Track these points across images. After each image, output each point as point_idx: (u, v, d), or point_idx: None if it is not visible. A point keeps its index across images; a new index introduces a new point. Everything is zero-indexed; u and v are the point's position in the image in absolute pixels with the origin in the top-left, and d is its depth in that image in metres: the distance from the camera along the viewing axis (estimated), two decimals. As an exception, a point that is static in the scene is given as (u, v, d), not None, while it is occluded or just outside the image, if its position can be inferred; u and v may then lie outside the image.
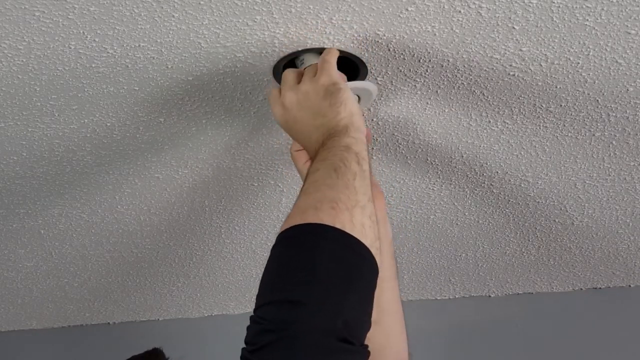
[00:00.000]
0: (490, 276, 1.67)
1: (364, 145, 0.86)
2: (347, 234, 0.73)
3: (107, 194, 1.31)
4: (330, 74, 0.90)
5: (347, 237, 0.73)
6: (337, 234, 0.73)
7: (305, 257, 0.72)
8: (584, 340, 1.73)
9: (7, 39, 0.89)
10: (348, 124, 0.87)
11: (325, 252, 0.72)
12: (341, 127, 0.87)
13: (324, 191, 0.77)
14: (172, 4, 0.84)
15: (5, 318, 1.82)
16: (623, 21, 0.88)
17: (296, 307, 0.69)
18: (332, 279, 0.71)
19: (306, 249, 0.73)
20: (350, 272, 0.72)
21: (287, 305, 0.69)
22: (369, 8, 0.86)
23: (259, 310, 0.71)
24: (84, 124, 1.10)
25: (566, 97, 1.05)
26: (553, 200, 1.35)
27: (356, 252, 0.74)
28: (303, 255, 0.73)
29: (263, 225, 1.44)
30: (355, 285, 0.72)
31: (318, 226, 0.73)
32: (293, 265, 0.73)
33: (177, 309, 1.83)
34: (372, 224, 0.77)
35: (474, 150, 1.20)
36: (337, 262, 0.72)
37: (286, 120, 0.92)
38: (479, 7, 0.85)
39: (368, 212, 0.77)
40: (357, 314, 0.72)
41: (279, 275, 0.73)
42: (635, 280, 1.70)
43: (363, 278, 0.74)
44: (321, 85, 0.89)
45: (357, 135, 0.86)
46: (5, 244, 1.47)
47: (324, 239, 0.73)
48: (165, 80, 1.00)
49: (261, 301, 0.72)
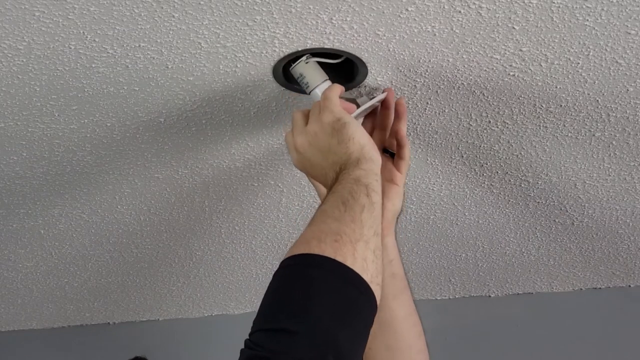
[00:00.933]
0: (490, 276, 1.67)
1: (376, 176, 0.86)
2: (347, 267, 0.74)
3: (107, 194, 1.31)
4: (333, 111, 0.90)
5: (347, 270, 0.74)
6: (337, 266, 0.74)
7: (302, 287, 0.73)
8: (584, 340, 1.73)
9: (7, 39, 0.89)
10: (359, 157, 0.87)
11: (322, 283, 0.73)
12: (353, 160, 0.87)
13: (329, 223, 0.78)
14: (172, 4, 0.84)
15: (5, 318, 1.82)
16: (623, 21, 0.88)
17: (287, 337, 0.69)
18: (327, 310, 0.71)
19: (304, 278, 0.74)
20: (345, 305, 0.73)
21: (279, 333, 0.70)
22: (369, 8, 0.86)
23: (253, 336, 0.72)
24: (84, 124, 1.10)
25: (566, 97, 1.05)
26: (553, 200, 1.35)
27: (354, 286, 0.74)
28: (300, 284, 0.73)
29: (263, 225, 1.44)
30: (350, 319, 0.73)
31: (319, 257, 0.74)
32: (289, 294, 0.73)
33: (177, 309, 1.82)
34: (375, 259, 0.77)
35: (474, 150, 1.20)
36: (333, 294, 0.73)
37: (302, 164, 0.94)
38: (479, 7, 0.85)
39: (372, 246, 0.78)
40: (350, 348, 0.72)
41: (275, 303, 0.74)
42: (635, 280, 1.70)
43: (359, 312, 0.74)
44: (327, 123, 0.90)
45: (368, 167, 0.86)
46: (5, 244, 1.47)
47: (323, 270, 0.74)
48: (165, 80, 1.00)
49: (256, 327, 0.73)
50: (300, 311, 0.71)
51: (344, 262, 0.74)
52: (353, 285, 0.74)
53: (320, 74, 0.97)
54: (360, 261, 0.75)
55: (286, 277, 0.76)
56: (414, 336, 1.00)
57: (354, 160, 0.87)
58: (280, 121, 1.12)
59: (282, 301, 0.74)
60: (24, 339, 1.89)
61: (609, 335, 1.72)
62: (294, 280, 0.74)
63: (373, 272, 0.76)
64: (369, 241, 0.78)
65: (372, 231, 0.79)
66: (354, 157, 0.87)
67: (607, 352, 1.72)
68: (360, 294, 0.74)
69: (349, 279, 0.74)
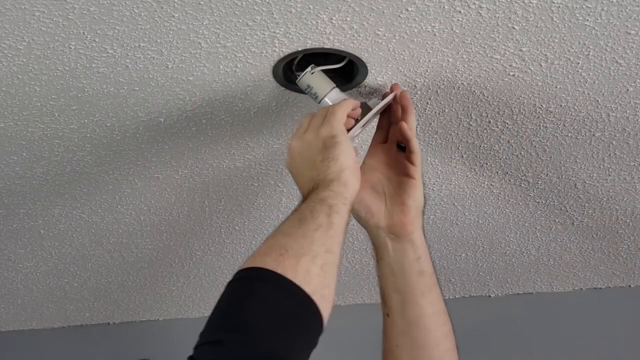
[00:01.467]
0: (490, 276, 1.67)
1: (345, 200, 0.86)
2: (286, 279, 0.74)
3: (107, 194, 1.31)
4: (332, 126, 0.91)
5: (285, 281, 0.74)
6: (276, 278, 0.75)
7: (239, 299, 0.75)
8: (584, 340, 1.73)
9: (7, 39, 0.89)
10: (334, 179, 0.87)
11: (258, 294, 0.74)
12: (327, 181, 0.88)
13: (279, 239, 0.80)
14: (172, 4, 0.84)
15: (5, 318, 1.82)
16: (623, 21, 0.88)
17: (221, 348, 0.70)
18: (261, 320, 0.72)
19: (244, 291, 0.75)
20: (281, 315, 0.73)
21: (215, 345, 0.71)
22: (369, 8, 0.86)
23: (195, 351, 0.73)
24: (84, 124, 1.10)
25: (566, 97, 1.05)
26: (553, 200, 1.35)
27: (291, 296, 0.75)
28: (239, 297, 0.75)
29: (263, 225, 1.44)
30: (286, 328, 0.73)
31: (259, 270, 0.76)
32: (228, 307, 0.75)
33: (177, 309, 1.82)
34: (321, 272, 0.77)
35: (474, 150, 1.20)
36: (268, 304, 0.74)
37: (290, 167, 0.95)
38: (479, 7, 0.85)
39: (320, 262, 0.78)
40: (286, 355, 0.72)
41: (215, 316, 0.76)
42: (635, 280, 1.70)
43: (295, 321, 0.74)
44: (321, 137, 0.91)
45: (339, 190, 0.86)
46: (5, 244, 1.46)
47: (261, 282, 0.75)
48: (165, 80, 1.00)
49: (199, 340, 0.74)
50: (235, 323, 0.72)
51: (283, 274, 0.75)
52: (290, 296, 0.75)
53: (327, 82, 0.98)
54: (302, 273, 0.75)
55: (228, 290, 0.77)
56: (442, 335, 0.99)
57: (327, 181, 0.87)
58: (280, 121, 1.12)
59: (220, 314, 0.75)
60: (24, 339, 1.89)
61: (609, 335, 1.72)
62: (235, 293, 0.76)
63: (317, 284, 0.76)
64: (317, 256, 0.78)
65: (323, 248, 0.79)
66: (329, 179, 0.87)
67: (607, 352, 1.72)
68: (298, 305, 0.75)
69: (286, 289, 0.75)
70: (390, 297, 0.99)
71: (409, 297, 0.98)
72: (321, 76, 0.98)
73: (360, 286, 1.73)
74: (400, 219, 0.98)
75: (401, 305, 0.98)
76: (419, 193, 0.99)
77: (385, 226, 0.99)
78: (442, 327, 0.99)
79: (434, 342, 0.98)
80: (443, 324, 1.00)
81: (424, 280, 0.99)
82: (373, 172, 1.01)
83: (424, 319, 0.98)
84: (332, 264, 0.80)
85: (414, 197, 0.98)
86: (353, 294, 1.77)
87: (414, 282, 0.98)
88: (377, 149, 1.03)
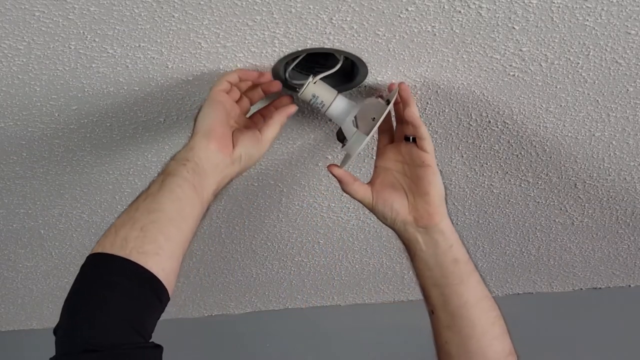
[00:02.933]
0: (490, 276, 1.67)
1: (185, 161, 0.89)
2: (101, 254, 0.80)
3: (107, 194, 1.31)
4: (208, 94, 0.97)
5: (98, 257, 0.81)
6: (93, 259, 0.81)
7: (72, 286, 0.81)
8: (584, 340, 1.73)
9: (7, 39, 0.89)
10: (185, 147, 0.92)
11: (77, 277, 0.80)
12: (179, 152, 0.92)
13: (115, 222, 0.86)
14: (172, 4, 0.84)
15: (5, 318, 1.82)
16: (623, 21, 0.88)
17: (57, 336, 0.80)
18: (76, 297, 0.79)
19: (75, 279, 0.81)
20: (85, 282, 0.80)
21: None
22: (369, 8, 0.86)
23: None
24: (84, 124, 1.10)
25: (566, 97, 1.05)
26: (553, 200, 1.35)
27: (104, 266, 0.80)
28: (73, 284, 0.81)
29: (263, 225, 1.44)
30: (91, 292, 0.78)
31: (88, 258, 0.82)
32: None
33: (177, 309, 1.82)
34: (140, 233, 0.82)
35: (474, 150, 1.20)
36: (81, 284, 0.80)
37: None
38: (479, 7, 0.85)
39: (139, 225, 0.83)
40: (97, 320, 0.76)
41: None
42: (635, 280, 1.70)
43: (102, 282, 0.79)
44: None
45: (182, 155, 0.90)
46: (5, 244, 1.47)
47: (83, 267, 0.81)
48: (165, 80, 1.00)
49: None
50: (64, 308, 0.80)
51: (102, 252, 0.80)
52: (104, 267, 0.80)
53: (330, 90, 0.98)
54: (120, 243, 0.80)
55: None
56: (489, 322, 0.98)
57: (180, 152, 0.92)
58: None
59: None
60: (24, 339, 1.89)
61: (609, 335, 1.72)
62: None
63: (135, 245, 0.80)
64: (137, 222, 0.83)
65: (146, 212, 0.84)
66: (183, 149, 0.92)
67: (607, 352, 1.72)
68: (110, 270, 0.79)
69: (97, 264, 0.80)
70: (431, 292, 0.99)
71: (448, 288, 0.97)
72: (323, 85, 0.98)
73: (360, 286, 1.73)
74: (426, 209, 0.97)
75: (442, 298, 0.98)
76: (438, 179, 0.98)
77: (412, 220, 0.98)
78: (487, 313, 0.98)
79: (480, 331, 0.97)
80: (488, 311, 0.98)
81: (460, 267, 0.98)
82: (387, 172, 1.01)
83: (467, 308, 0.97)
84: (156, 221, 0.83)
85: (434, 184, 0.97)
86: (353, 294, 1.77)
87: (450, 271, 0.97)
88: (386, 150, 1.03)
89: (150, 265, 0.80)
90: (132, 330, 0.77)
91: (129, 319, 0.77)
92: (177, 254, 0.84)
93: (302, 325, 1.83)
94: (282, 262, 1.59)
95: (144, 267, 0.79)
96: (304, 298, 1.79)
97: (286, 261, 1.59)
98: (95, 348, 0.74)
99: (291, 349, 1.84)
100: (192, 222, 0.87)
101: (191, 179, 0.88)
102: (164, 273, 0.81)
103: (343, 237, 1.48)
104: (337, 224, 1.43)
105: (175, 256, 0.84)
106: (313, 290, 1.75)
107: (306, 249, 1.53)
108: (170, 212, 0.85)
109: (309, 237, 1.48)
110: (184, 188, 0.87)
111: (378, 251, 1.55)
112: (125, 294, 0.78)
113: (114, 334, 0.75)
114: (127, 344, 0.75)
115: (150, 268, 0.80)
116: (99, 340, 0.75)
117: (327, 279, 1.68)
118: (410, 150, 0.99)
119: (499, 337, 0.98)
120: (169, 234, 0.83)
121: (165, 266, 0.81)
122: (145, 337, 0.78)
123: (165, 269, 0.81)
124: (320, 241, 1.50)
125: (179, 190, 0.87)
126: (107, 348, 0.74)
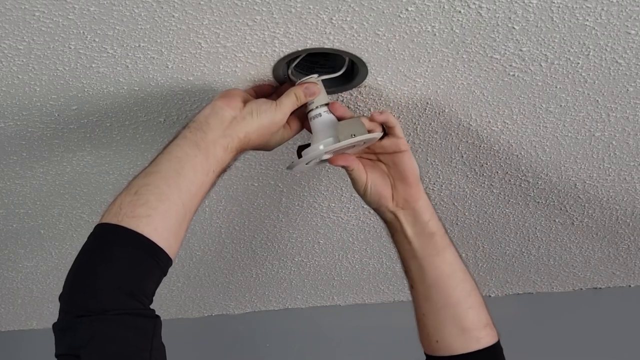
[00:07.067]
0: (490, 276, 1.67)
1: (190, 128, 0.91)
2: (99, 224, 0.83)
3: (107, 194, 1.31)
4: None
5: (101, 226, 0.83)
6: (95, 231, 0.83)
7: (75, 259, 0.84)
8: (584, 340, 1.73)
9: (7, 39, 0.89)
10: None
11: (81, 250, 0.83)
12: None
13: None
14: (172, 4, 0.84)
15: (5, 318, 1.82)
16: (623, 21, 0.88)
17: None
18: (75, 266, 0.82)
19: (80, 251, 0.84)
20: (81, 252, 0.83)
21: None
22: (369, 8, 0.86)
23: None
24: (84, 124, 1.10)
25: (566, 97, 1.05)
26: (553, 200, 1.35)
27: (101, 234, 0.83)
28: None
29: (263, 225, 1.44)
30: (94, 258, 0.81)
31: (97, 227, 0.84)
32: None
33: (177, 309, 1.82)
34: (134, 197, 0.83)
35: (474, 150, 1.20)
36: (84, 254, 0.83)
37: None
38: (479, 7, 0.85)
39: (134, 190, 0.84)
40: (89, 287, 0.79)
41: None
42: (635, 280, 1.70)
43: (100, 249, 0.82)
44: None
45: (190, 125, 0.91)
46: (5, 244, 1.47)
47: (92, 237, 0.84)
48: (165, 80, 1.00)
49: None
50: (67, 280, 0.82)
51: (101, 221, 0.83)
52: (101, 234, 0.83)
53: (326, 97, 0.99)
54: (115, 210, 0.82)
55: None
56: (464, 292, 1.02)
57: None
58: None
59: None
60: (24, 339, 1.89)
61: (609, 335, 1.72)
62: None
63: (127, 209, 0.82)
64: (132, 187, 0.85)
65: (142, 176, 0.86)
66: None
67: (607, 352, 1.72)
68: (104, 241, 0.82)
69: (96, 233, 0.83)
70: (410, 265, 1.04)
71: (425, 260, 1.02)
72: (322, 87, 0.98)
73: (360, 286, 1.73)
74: (406, 191, 1.03)
75: (419, 270, 1.03)
76: (412, 161, 1.02)
77: (395, 203, 1.04)
78: (462, 284, 1.02)
79: (454, 301, 1.01)
80: (462, 281, 1.03)
81: (436, 240, 1.03)
82: (375, 165, 1.04)
83: (443, 279, 1.02)
84: (150, 183, 0.85)
85: (409, 167, 1.02)
86: (353, 294, 1.77)
87: (426, 243, 1.02)
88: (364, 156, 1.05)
89: (142, 228, 0.81)
90: (125, 294, 0.78)
91: (120, 285, 0.79)
92: (173, 211, 0.84)
93: (302, 325, 1.84)
94: (282, 262, 1.59)
95: (135, 231, 0.80)
96: (304, 298, 1.79)
97: (286, 261, 1.59)
98: (88, 313, 0.76)
99: (291, 349, 1.84)
100: (194, 177, 0.88)
101: (192, 136, 0.89)
102: (157, 233, 0.82)
103: (343, 237, 1.49)
104: (337, 224, 1.43)
105: (172, 214, 0.84)
106: (313, 290, 1.75)
107: (306, 249, 1.53)
108: (166, 171, 0.86)
109: (309, 237, 1.48)
110: (182, 146, 0.88)
111: (378, 251, 1.55)
112: (117, 260, 0.80)
113: (105, 299, 0.77)
114: (118, 309, 0.77)
115: (142, 231, 0.81)
116: (92, 306, 0.77)
117: (327, 279, 1.68)
118: (383, 141, 1.02)
119: (475, 307, 1.02)
120: (162, 193, 0.84)
121: (157, 226, 0.82)
122: (143, 300, 0.79)
123: (158, 228, 0.82)
124: (320, 241, 1.50)
125: (177, 149, 0.88)
126: (99, 313, 0.76)
